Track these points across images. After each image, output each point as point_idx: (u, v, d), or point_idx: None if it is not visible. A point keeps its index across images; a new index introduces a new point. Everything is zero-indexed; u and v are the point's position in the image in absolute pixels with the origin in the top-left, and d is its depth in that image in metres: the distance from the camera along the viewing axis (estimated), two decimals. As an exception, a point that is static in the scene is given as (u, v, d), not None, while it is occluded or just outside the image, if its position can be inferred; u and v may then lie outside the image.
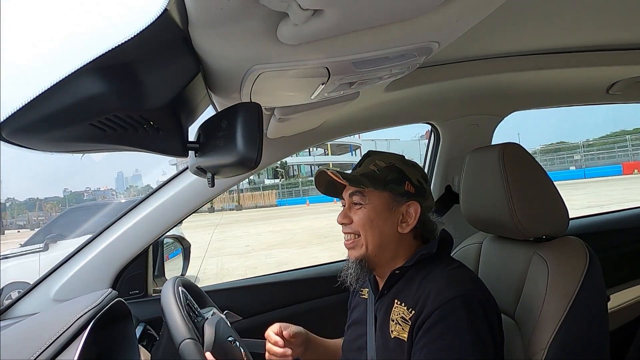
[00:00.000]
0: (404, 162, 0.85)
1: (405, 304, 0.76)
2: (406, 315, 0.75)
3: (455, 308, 0.69)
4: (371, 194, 0.81)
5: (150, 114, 0.50)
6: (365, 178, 0.81)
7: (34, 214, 38.48)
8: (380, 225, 0.81)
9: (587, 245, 0.81)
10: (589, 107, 22.32)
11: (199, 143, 0.59)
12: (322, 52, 0.52)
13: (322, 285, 1.38)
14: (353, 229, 0.82)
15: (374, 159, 0.85)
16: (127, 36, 0.41)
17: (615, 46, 1.17)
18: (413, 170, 0.84)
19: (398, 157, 0.87)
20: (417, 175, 0.84)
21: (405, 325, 0.75)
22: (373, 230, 0.81)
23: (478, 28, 0.57)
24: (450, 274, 0.76)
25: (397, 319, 0.77)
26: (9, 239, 23.30)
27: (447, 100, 1.37)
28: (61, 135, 0.47)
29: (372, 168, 0.83)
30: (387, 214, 0.81)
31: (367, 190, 0.81)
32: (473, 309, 0.69)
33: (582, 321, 0.75)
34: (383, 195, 0.81)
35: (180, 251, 1.42)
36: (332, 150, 33.50)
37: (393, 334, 0.76)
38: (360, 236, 0.81)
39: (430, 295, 0.72)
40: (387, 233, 0.81)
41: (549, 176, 0.86)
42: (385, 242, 0.81)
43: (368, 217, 0.81)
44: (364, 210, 0.81)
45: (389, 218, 0.81)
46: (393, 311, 0.78)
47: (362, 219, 0.81)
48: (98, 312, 0.66)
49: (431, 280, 0.76)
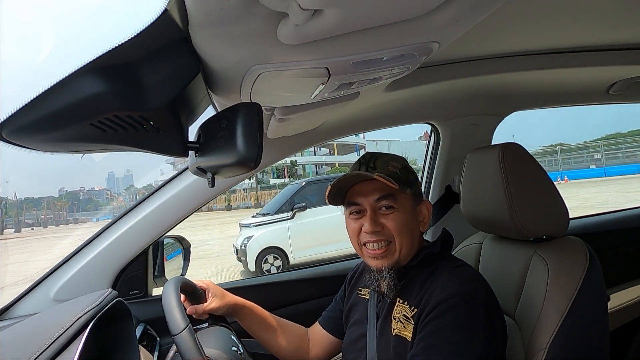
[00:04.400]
0: (407, 164, 0.86)
1: (407, 302, 0.76)
2: (408, 313, 0.75)
3: (456, 305, 0.68)
4: (401, 196, 0.78)
5: (150, 114, 0.50)
6: (394, 180, 0.75)
7: (42, 212, 38.68)
8: (412, 228, 0.79)
9: (588, 246, 0.81)
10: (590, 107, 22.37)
11: (199, 143, 0.59)
12: (322, 52, 0.52)
13: (322, 285, 1.38)
14: (386, 235, 0.77)
15: (385, 161, 0.81)
16: (127, 36, 0.41)
17: (615, 46, 1.17)
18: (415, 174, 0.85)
19: (402, 159, 0.86)
20: (417, 175, 0.86)
21: (407, 323, 0.74)
22: (407, 234, 0.78)
23: (478, 28, 0.57)
24: (455, 272, 0.75)
25: (399, 317, 0.76)
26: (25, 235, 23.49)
27: (447, 100, 1.37)
28: (61, 135, 0.47)
29: (392, 169, 0.79)
30: (414, 214, 0.80)
31: (397, 191, 0.76)
32: (474, 307, 0.69)
33: (583, 321, 0.75)
34: (408, 196, 0.79)
35: (180, 252, 1.42)
36: (337, 150, 33.55)
37: (394, 332, 0.76)
38: (392, 242, 0.77)
39: (434, 292, 0.72)
40: (415, 235, 0.80)
41: (549, 176, 0.86)
42: (414, 244, 0.80)
43: (404, 222, 0.77)
44: (397, 214, 0.77)
45: (415, 218, 0.80)
46: (395, 309, 0.78)
47: (398, 224, 0.76)
48: (98, 312, 0.66)
49: (435, 278, 0.75)
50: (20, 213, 41.09)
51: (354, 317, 0.93)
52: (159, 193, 1.20)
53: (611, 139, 27.76)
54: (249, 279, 1.43)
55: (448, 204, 1.53)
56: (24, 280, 6.17)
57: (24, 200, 57.47)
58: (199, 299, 1.01)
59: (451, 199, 1.52)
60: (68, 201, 56.30)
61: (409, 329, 0.74)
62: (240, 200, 25.53)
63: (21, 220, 36.31)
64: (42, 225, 32.83)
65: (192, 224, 13.96)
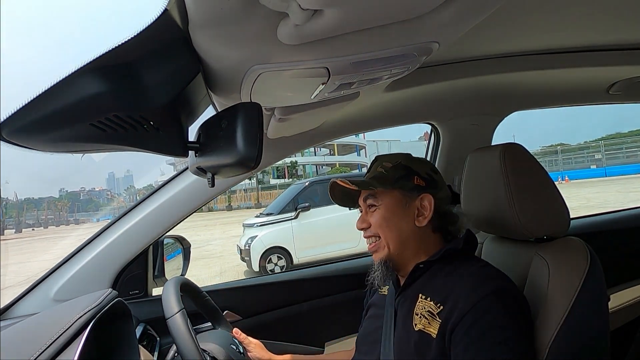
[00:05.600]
0: (410, 159, 0.87)
1: (431, 298, 0.76)
2: (434, 309, 0.74)
3: (491, 304, 0.68)
4: (382, 194, 0.84)
5: (150, 114, 0.50)
6: (374, 180, 0.83)
7: (43, 213, 38.76)
8: (396, 222, 0.83)
9: (588, 246, 0.81)
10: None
11: (199, 143, 0.59)
12: (322, 52, 0.52)
13: (321, 286, 1.38)
14: (372, 231, 0.84)
15: (380, 162, 0.88)
16: (127, 36, 0.41)
17: (615, 46, 1.17)
18: (421, 165, 0.86)
19: (404, 155, 0.89)
20: (425, 169, 0.86)
21: (432, 320, 0.74)
22: (390, 228, 0.83)
23: (478, 28, 0.57)
24: (481, 271, 0.76)
25: (422, 313, 0.76)
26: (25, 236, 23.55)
27: (447, 100, 1.37)
28: (61, 135, 0.47)
29: (379, 170, 0.86)
30: (401, 211, 0.83)
31: (378, 191, 0.84)
32: (509, 303, 0.70)
33: (583, 321, 0.75)
34: (393, 193, 0.83)
35: (180, 252, 1.42)
36: (337, 150, 33.59)
37: (417, 327, 0.76)
38: (381, 238, 0.83)
39: (463, 293, 0.71)
40: (405, 229, 0.83)
41: (550, 176, 0.86)
42: (405, 238, 0.83)
43: (383, 217, 0.83)
44: (378, 211, 0.84)
45: (405, 214, 0.83)
46: (417, 305, 0.78)
47: (378, 219, 0.83)
48: (98, 312, 0.65)
49: (459, 276, 0.75)
50: (21, 213, 41.16)
51: (371, 313, 0.95)
52: (159, 193, 1.20)
53: (612, 139, 27.78)
54: (252, 279, 1.43)
55: (448, 204, 1.52)
56: (27, 281, 6.20)
57: (24, 201, 57.57)
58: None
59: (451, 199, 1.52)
60: (68, 201, 56.40)
61: (434, 325, 0.73)
62: (241, 201, 25.59)
63: (22, 220, 36.38)
64: (42, 226, 32.87)
65: (193, 224, 13.97)
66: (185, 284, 0.94)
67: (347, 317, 1.32)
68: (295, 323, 1.34)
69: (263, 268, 5.68)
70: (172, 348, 0.97)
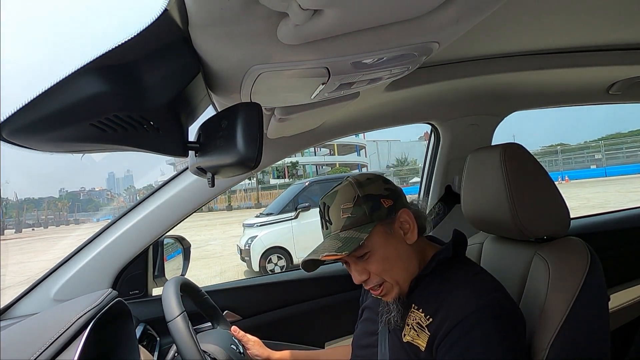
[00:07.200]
0: (360, 185, 0.78)
1: (422, 310, 0.74)
2: (423, 322, 0.72)
3: (482, 319, 0.65)
4: (367, 238, 0.73)
5: (150, 114, 0.50)
6: (350, 231, 0.74)
7: (43, 213, 38.78)
8: (394, 256, 0.76)
9: (589, 246, 0.81)
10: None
11: (199, 143, 0.59)
12: (322, 52, 0.52)
13: (321, 286, 1.38)
14: (376, 280, 0.76)
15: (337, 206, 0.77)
16: (127, 36, 0.41)
17: (615, 46, 1.17)
18: (374, 184, 0.78)
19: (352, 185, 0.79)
20: (380, 185, 0.79)
21: (421, 332, 0.72)
22: (392, 266, 0.76)
23: (478, 28, 0.57)
24: (474, 282, 0.73)
25: (412, 324, 0.74)
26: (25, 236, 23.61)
27: (447, 100, 1.37)
28: (61, 135, 0.47)
29: (344, 217, 0.76)
30: (391, 241, 0.76)
31: None
32: (501, 318, 0.66)
33: (583, 321, 0.75)
34: (375, 230, 0.74)
35: (180, 252, 1.42)
36: (337, 150, 33.60)
37: (405, 338, 0.74)
38: (386, 280, 0.76)
39: (453, 305, 0.69)
40: (403, 255, 0.77)
41: (550, 177, 0.86)
42: (407, 263, 0.77)
43: (381, 260, 0.75)
44: (372, 257, 0.75)
45: (396, 242, 0.76)
46: (409, 316, 0.76)
47: (378, 265, 0.75)
48: (98, 312, 0.66)
49: (451, 287, 0.72)
50: (21, 213, 41.18)
51: (366, 315, 0.94)
52: (159, 193, 1.20)
53: (612, 139, 27.74)
54: (252, 279, 1.43)
55: (448, 204, 1.53)
56: (27, 281, 6.21)
57: (24, 201, 57.60)
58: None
59: (451, 199, 1.52)
60: (68, 201, 56.45)
61: (422, 337, 0.71)
62: (241, 201, 25.60)
63: (22, 220, 36.40)
64: (42, 226, 32.88)
65: (193, 224, 13.97)
66: (185, 284, 0.95)
67: (347, 317, 1.31)
68: (295, 323, 1.34)
69: (263, 268, 5.68)
70: (172, 348, 0.97)
